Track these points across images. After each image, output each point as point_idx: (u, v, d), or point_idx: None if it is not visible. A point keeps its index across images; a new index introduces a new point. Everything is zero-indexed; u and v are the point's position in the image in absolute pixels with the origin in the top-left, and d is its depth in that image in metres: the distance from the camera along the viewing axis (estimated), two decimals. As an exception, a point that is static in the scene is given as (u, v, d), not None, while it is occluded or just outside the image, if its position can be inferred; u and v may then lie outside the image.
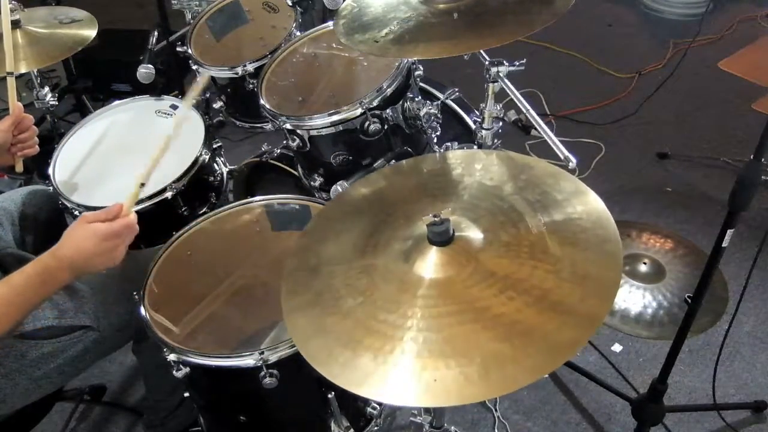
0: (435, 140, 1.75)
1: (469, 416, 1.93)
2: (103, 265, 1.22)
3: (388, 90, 1.55)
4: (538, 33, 1.23)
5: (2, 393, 1.31)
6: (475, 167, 1.19)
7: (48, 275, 1.18)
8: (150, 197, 1.65)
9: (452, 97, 1.93)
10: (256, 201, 1.53)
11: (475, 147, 1.59)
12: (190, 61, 1.97)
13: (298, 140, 1.61)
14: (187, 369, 1.25)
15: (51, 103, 2.07)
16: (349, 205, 1.23)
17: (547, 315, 0.90)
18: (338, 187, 1.51)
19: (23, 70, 1.81)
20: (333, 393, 1.29)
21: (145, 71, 1.92)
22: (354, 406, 1.42)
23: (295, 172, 1.84)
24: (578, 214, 1.03)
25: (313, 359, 0.95)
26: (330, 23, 1.78)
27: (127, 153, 1.81)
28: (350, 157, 1.62)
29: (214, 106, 2.07)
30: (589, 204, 1.04)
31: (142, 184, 1.27)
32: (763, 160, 1.32)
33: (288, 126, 1.59)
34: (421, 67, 1.66)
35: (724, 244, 1.41)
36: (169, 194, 1.67)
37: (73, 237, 1.20)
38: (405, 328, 0.94)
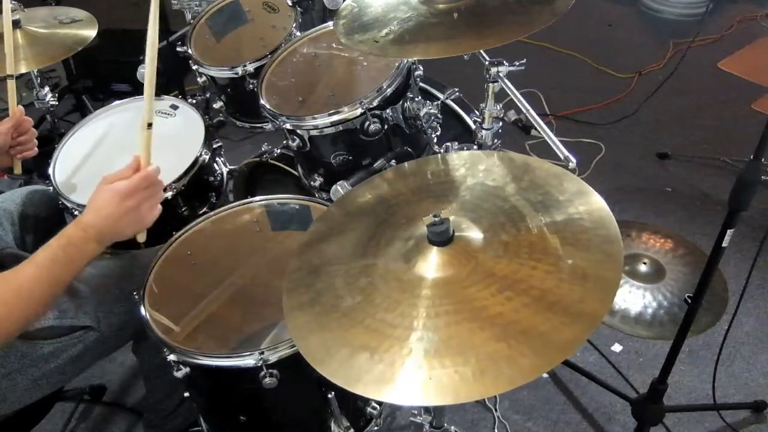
0: (435, 140, 1.75)
1: (469, 416, 1.93)
2: (131, 229, 1.15)
3: (388, 90, 1.55)
4: (538, 33, 1.23)
5: (2, 393, 1.31)
6: (478, 168, 1.19)
7: (74, 248, 1.11)
8: (150, 197, 1.65)
9: (452, 97, 1.93)
10: (256, 201, 1.53)
11: (475, 147, 1.59)
12: (190, 61, 1.97)
13: (298, 140, 1.61)
14: (187, 369, 1.25)
15: (51, 103, 2.07)
16: (351, 207, 1.23)
17: (545, 315, 0.90)
18: (338, 187, 1.51)
19: (23, 70, 1.82)
20: (333, 393, 1.29)
21: (144, 71, 1.92)
22: (354, 406, 1.42)
23: (295, 172, 1.84)
24: (580, 215, 1.03)
25: (311, 357, 0.96)
26: (330, 23, 1.78)
27: (127, 153, 1.78)
28: (350, 157, 1.62)
29: (214, 106, 2.07)
30: (591, 204, 1.04)
31: (150, 125, 1.16)
32: (763, 160, 1.32)
33: (288, 126, 1.59)
34: (421, 67, 1.66)
35: (724, 244, 1.41)
36: (169, 194, 1.66)
37: (94, 201, 1.14)
38: (402, 327, 0.94)
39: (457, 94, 1.91)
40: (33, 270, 1.09)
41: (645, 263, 2.30)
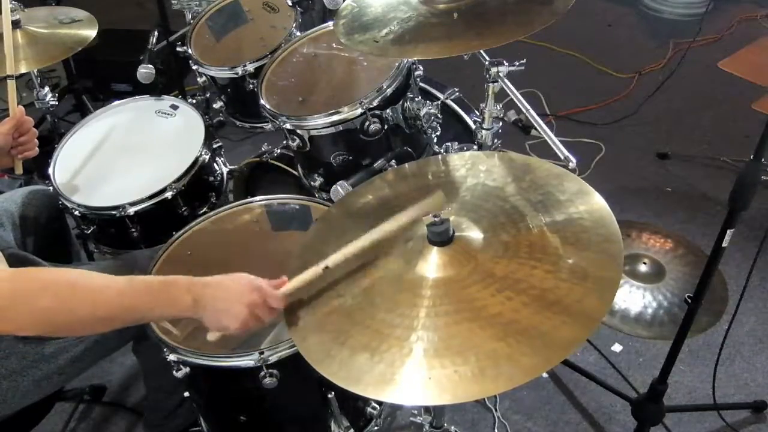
0: (435, 140, 1.75)
1: (469, 416, 1.93)
2: (224, 318, 1.05)
3: (388, 90, 1.55)
4: (538, 33, 1.23)
5: (3, 394, 1.31)
6: (479, 169, 1.19)
7: (173, 290, 1.03)
8: (150, 197, 1.65)
9: (452, 97, 1.93)
10: (256, 201, 1.53)
11: (475, 147, 1.59)
12: (190, 61, 1.97)
13: (298, 140, 1.61)
14: (187, 369, 1.25)
15: (51, 103, 2.07)
16: (352, 208, 1.23)
17: (545, 315, 0.90)
18: (338, 188, 1.51)
19: (23, 70, 1.82)
20: (333, 393, 1.29)
21: (145, 71, 1.92)
22: (354, 405, 1.42)
23: (295, 172, 1.84)
24: (580, 214, 1.03)
25: (311, 357, 0.96)
26: (330, 23, 1.79)
27: (127, 153, 1.81)
28: (350, 157, 1.62)
29: (214, 106, 2.07)
30: (591, 204, 1.04)
31: (326, 267, 1.07)
32: (763, 160, 1.32)
33: (288, 126, 1.60)
34: (421, 67, 1.66)
35: (724, 244, 1.41)
36: (169, 194, 1.67)
37: (225, 277, 1.07)
38: (402, 327, 0.94)
39: (457, 94, 1.91)
40: (125, 285, 1.00)
41: (645, 263, 2.30)
